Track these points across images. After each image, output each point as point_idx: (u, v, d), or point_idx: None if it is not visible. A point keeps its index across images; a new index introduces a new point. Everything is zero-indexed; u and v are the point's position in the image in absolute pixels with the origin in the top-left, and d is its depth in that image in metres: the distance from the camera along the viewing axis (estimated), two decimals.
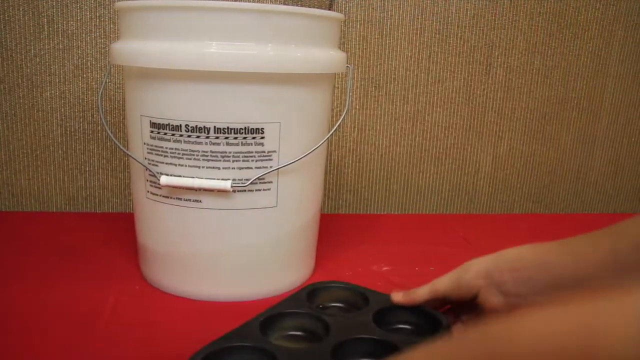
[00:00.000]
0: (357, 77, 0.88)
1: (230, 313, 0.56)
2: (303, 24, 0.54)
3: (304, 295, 0.53)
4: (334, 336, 0.46)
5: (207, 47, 0.51)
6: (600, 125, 1.00)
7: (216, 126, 0.53)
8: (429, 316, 0.51)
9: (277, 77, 0.53)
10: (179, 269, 0.58)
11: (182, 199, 0.55)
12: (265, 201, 0.56)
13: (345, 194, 0.93)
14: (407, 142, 0.92)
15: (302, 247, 0.63)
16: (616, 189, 1.04)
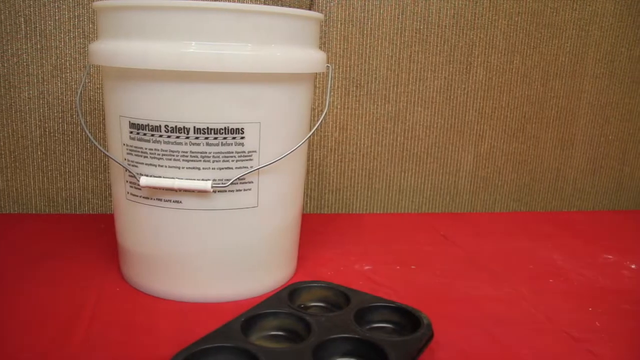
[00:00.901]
0: (338, 76, 0.88)
1: (211, 314, 0.56)
2: (283, 24, 0.54)
3: (285, 295, 0.53)
4: (316, 336, 0.46)
5: (186, 47, 0.51)
6: (579, 124, 1.01)
7: (196, 126, 0.52)
8: (410, 315, 0.52)
9: (257, 77, 0.53)
10: (160, 270, 0.58)
11: (162, 199, 0.55)
12: (246, 201, 0.56)
13: (327, 194, 0.93)
14: (388, 141, 0.92)
15: (283, 247, 0.63)
16: (594, 186, 1.06)
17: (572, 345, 0.54)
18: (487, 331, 0.56)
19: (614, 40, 0.98)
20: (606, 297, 0.65)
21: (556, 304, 0.63)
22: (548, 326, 0.58)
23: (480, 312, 0.60)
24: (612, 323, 0.59)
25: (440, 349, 0.52)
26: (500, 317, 0.59)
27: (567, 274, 0.71)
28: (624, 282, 0.70)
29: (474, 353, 0.52)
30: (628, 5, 0.97)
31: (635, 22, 0.98)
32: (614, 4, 0.96)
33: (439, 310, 0.59)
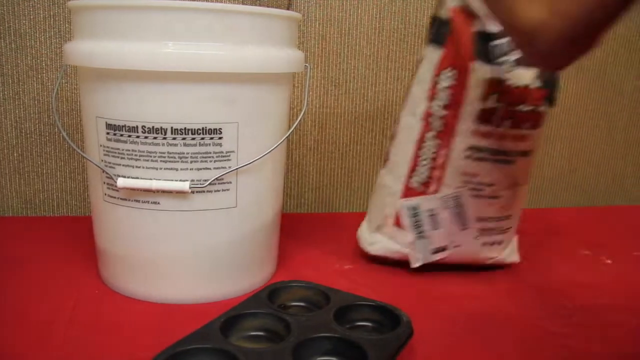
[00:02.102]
0: (316, 75, 0.88)
1: (191, 315, 0.55)
2: (260, 24, 0.54)
3: (265, 295, 0.53)
4: (295, 335, 0.46)
5: (163, 47, 0.50)
6: (554, 123, 1.02)
7: (173, 127, 0.52)
8: (390, 313, 0.52)
9: (235, 77, 0.53)
10: (139, 272, 0.58)
11: (140, 201, 0.55)
12: (225, 202, 0.56)
13: (307, 193, 0.93)
14: (367, 140, 0.93)
15: (263, 247, 0.62)
16: (571, 183, 1.07)
17: (549, 340, 0.55)
18: (467, 328, 0.56)
19: None
20: (583, 292, 0.66)
21: (534, 299, 0.64)
22: (526, 321, 0.58)
23: (460, 309, 0.60)
24: (588, 317, 0.60)
25: (420, 346, 0.52)
26: (479, 314, 0.59)
27: (545, 270, 0.72)
28: (600, 277, 0.71)
29: (454, 349, 0.52)
30: None
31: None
32: None
33: (419, 308, 0.59)
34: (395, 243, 0.67)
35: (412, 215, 0.65)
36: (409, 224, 0.66)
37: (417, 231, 0.66)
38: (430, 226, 0.65)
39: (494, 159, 0.62)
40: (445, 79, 0.61)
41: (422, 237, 0.66)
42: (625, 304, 0.64)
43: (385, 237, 0.68)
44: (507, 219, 0.66)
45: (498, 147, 0.62)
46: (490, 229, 0.66)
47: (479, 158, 0.62)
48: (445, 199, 0.63)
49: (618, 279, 0.71)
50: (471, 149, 0.62)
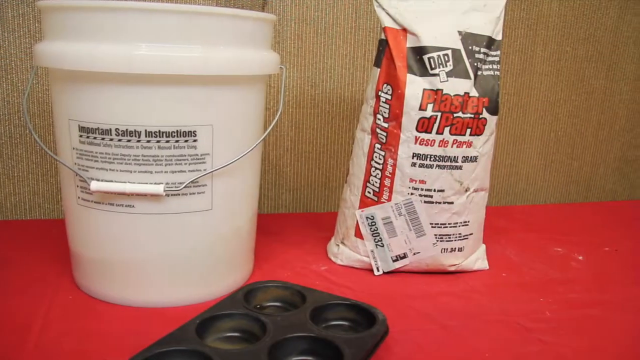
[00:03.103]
0: (293, 75, 0.88)
1: (167, 318, 0.55)
2: (234, 25, 0.54)
3: (240, 296, 0.53)
4: (271, 336, 0.47)
5: (136, 49, 0.50)
6: (529, 121, 1.04)
7: (147, 130, 0.52)
8: (366, 312, 0.52)
9: (209, 79, 0.53)
10: (114, 276, 0.57)
11: (115, 204, 0.54)
12: (200, 204, 0.56)
13: (284, 194, 0.93)
14: (344, 140, 0.93)
15: (239, 249, 0.62)
16: (545, 181, 1.09)
17: (524, 335, 0.56)
18: (443, 325, 0.57)
19: (559, 40, 1.01)
20: (556, 287, 0.68)
21: (509, 296, 0.65)
22: (501, 318, 0.59)
23: (436, 307, 0.61)
24: (561, 312, 0.61)
25: (396, 345, 0.53)
26: (455, 311, 0.60)
27: (520, 268, 0.73)
28: (572, 273, 0.72)
29: (430, 347, 0.53)
30: (571, 7, 1.00)
31: (578, 23, 1.01)
32: (559, 5, 0.99)
33: (395, 307, 0.60)
34: (357, 253, 0.69)
35: (369, 225, 0.68)
36: (367, 233, 0.68)
37: (376, 240, 0.68)
38: (388, 234, 0.67)
39: (439, 165, 0.64)
40: (383, 95, 0.65)
41: (381, 246, 0.68)
42: (596, 298, 0.65)
43: (348, 248, 0.70)
44: (464, 226, 0.68)
45: (442, 154, 0.64)
46: (448, 235, 0.67)
47: (424, 165, 0.64)
48: (398, 206, 0.66)
49: (589, 274, 0.72)
50: (416, 156, 0.64)
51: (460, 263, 0.69)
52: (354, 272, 0.69)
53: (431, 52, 0.63)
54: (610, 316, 0.61)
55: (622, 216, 1.00)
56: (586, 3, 1.01)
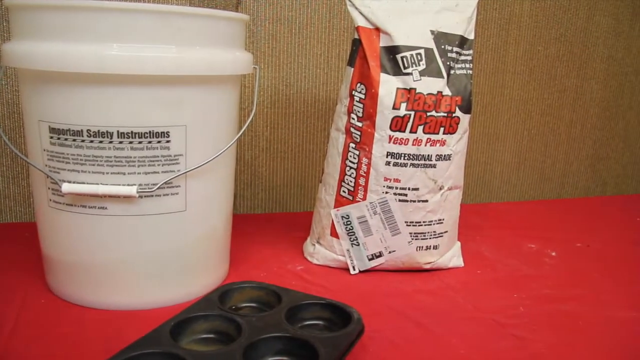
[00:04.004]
0: (267, 75, 0.88)
1: (142, 321, 0.55)
2: (207, 26, 0.54)
3: (215, 297, 0.53)
4: (246, 336, 0.46)
5: (107, 49, 0.49)
6: (503, 119, 1.05)
7: (119, 131, 0.51)
8: (341, 311, 0.52)
9: (182, 80, 0.53)
10: (87, 279, 0.57)
11: (87, 206, 0.54)
12: (174, 205, 0.55)
13: (260, 193, 0.93)
14: (320, 139, 0.93)
15: (214, 250, 0.62)
16: (519, 178, 1.10)
17: (498, 331, 0.57)
18: (418, 323, 0.57)
19: (531, 40, 1.02)
20: (529, 283, 0.68)
21: (483, 293, 0.65)
22: (476, 314, 0.60)
23: (411, 305, 0.61)
24: (534, 307, 0.62)
25: (372, 343, 0.53)
26: (430, 309, 0.61)
27: (494, 264, 0.74)
28: (545, 269, 0.73)
29: (406, 345, 0.53)
30: (542, 8, 1.01)
31: (549, 23, 1.03)
32: (530, 5, 1.00)
33: (370, 305, 0.60)
34: (333, 252, 0.70)
35: (344, 224, 0.68)
36: (342, 232, 0.68)
37: (351, 239, 0.68)
38: (363, 233, 0.68)
39: (413, 163, 0.65)
40: (357, 94, 0.65)
41: (357, 245, 0.68)
42: (569, 293, 0.66)
43: (324, 247, 0.71)
44: (439, 224, 0.68)
45: (416, 152, 0.64)
46: (422, 233, 0.68)
47: (398, 164, 0.65)
48: (373, 205, 0.66)
49: (562, 270, 0.74)
50: (390, 155, 0.64)
51: (435, 261, 0.70)
52: (330, 272, 0.69)
53: (404, 51, 0.63)
54: (583, 311, 0.62)
55: (594, 212, 1.02)
56: (557, 4, 1.02)
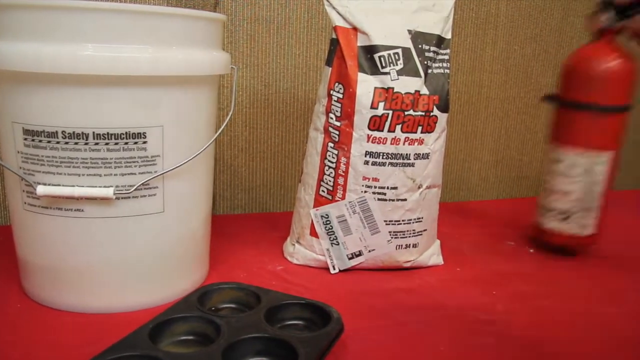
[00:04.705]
0: (246, 75, 0.88)
1: (121, 324, 0.54)
2: (183, 26, 0.53)
3: (195, 298, 0.53)
4: (225, 337, 0.46)
5: (82, 49, 0.49)
6: (480, 118, 1.06)
7: (95, 132, 0.51)
8: (321, 310, 0.52)
9: (158, 80, 0.52)
10: (64, 283, 0.56)
11: (63, 208, 0.53)
12: (152, 207, 0.55)
13: (240, 194, 0.93)
14: (299, 139, 0.93)
15: (193, 252, 0.62)
16: (497, 177, 1.11)
17: (478, 328, 0.57)
18: (398, 321, 0.58)
19: (508, 39, 1.03)
20: (508, 280, 0.69)
21: (463, 290, 0.66)
22: (456, 312, 0.60)
23: (391, 303, 0.62)
24: (514, 304, 0.63)
25: (352, 342, 0.53)
26: (411, 307, 0.61)
27: (473, 262, 0.75)
28: (524, 266, 0.74)
29: (386, 343, 0.53)
30: (518, 8, 1.03)
31: (525, 23, 1.04)
32: (506, 5, 1.01)
33: (351, 304, 0.60)
34: (313, 252, 0.70)
35: (324, 223, 0.68)
36: (322, 232, 0.68)
37: (331, 238, 0.68)
38: (342, 232, 0.68)
39: (391, 162, 0.65)
40: (335, 93, 0.65)
41: (336, 244, 0.68)
42: (547, 290, 0.67)
43: (304, 247, 0.71)
44: (418, 222, 0.69)
45: (394, 151, 0.65)
46: (402, 232, 0.68)
47: (377, 163, 0.65)
48: (352, 204, 0.66)
49: (539, 267, 0.74)
50: (368, 154, 0.65)
51: (415, 259, 0.70)
52: (310, 271, 0.69)
53: (382, 50, 0.63)
54: (560, 306, 0.63)
55: None
56: (532, 4, 1.03)
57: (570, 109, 0.74)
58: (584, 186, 0.74)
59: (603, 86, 0.71)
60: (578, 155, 0.73)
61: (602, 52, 0.72)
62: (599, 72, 0.71)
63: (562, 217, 0.75)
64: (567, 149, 0.74)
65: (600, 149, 0.73)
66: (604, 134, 0.73)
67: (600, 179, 0.74)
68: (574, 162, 0.74)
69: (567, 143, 0.74)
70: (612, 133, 0.73)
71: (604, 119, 0.72)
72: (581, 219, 0.75)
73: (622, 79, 0.71)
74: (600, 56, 0.71)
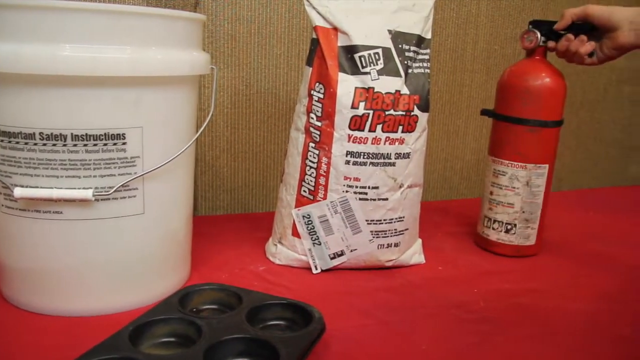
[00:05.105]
0: (227, 75, 0.88)
1: (102, 327, 0.53)
2: (162, 26, 0.53)
3: (176, 300, 0.52)
4: (207, 339, 0.46)
5: (60, 50, 0.48)
6: (461, 117, 1.07)
7: (73, 133, 0.50)
8: (302, 310, 0.52)
9: (138, 81, 0.52)
10: (43, 286, 0.55)
11: (41, 211, 0.52)
12: (131, 209, 0.54)
13: (221, 194, 0.92)
14: (281, 139, 0.93)
15: (174, 253, 0.62)
16: (479, 176, 1.12)
17: (459, 326, 0.58)
18: (380, 320, 0.58)
19: (488, 39, 1.04)
20: (489, 278, 0.70)
21: (445, 289, 0.66)
22: (437, 310, 0.61)
23: (374, 303, 0.62)
24: (494, 301, 0.63)
25: (334, 342, 0.53)
26: (392, 306, 0.61)
27: (455, 261, 0.75)
28: (504, 264, 0.75)
29: (368, 342, 0.54)
30: (498, 8, 1.03)
31: (505, 23, 1.05)
32: (487, 5, 1.02)
33: (333, 304, 0.60)
34: (295, 252, 0.70)
35: (306, 224, 0.68)
36: (304, 232, 0.68)
37: (313, 238, 0.68)
38: (324, 232, 0.68)
39: (372, 162, 0.65)
40: (316, 93, 0.65)
41: (318, 244, 0.68)
42: (527, 287, 0.68)
43: (286, 247, 0.71)
44: (400, 221, 0.69)
45: (375, 151, 0.65)
46: (383, 231, 0.68)
47: (358, 162, 0.65)
48: (334, 204, 0.66)
49: (519, 264, 0.75)
50: (349, 154, 0.65)
51: (396, 258, 0.71)
52: (293, 272, 0.69)
53: (362, 50, 0.63)
54: (541, 304, 0.64)
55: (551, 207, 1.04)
56: (512, 4, 1.04)
57: (506, 123, 0.75)
58: (524, 198, 0.75)
59: (536, 101, 0.73)
60: (518, 169, 0.75)
61: (533, 69, 0.74)
62: (530, 88, 0.73)
63: (506, 228, 0.77)
64: (507, 162, 0.76)
65: (539, 162, 0.75)
66: (541, 147, 0.75)
67: (540, 191, 0.76)
68: (515, 174, 0.75)
69: (506, 156, 0.76)
70: (548, 146, 0.75)
71: (540, 134, 0.74)
72: (524, 229, 0.77)
73: (552, 95, 0.74)
74: (531, 73, 0.74)
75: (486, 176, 0.80)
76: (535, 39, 0.74)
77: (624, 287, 0.70)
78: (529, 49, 0.75)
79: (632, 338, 0.57)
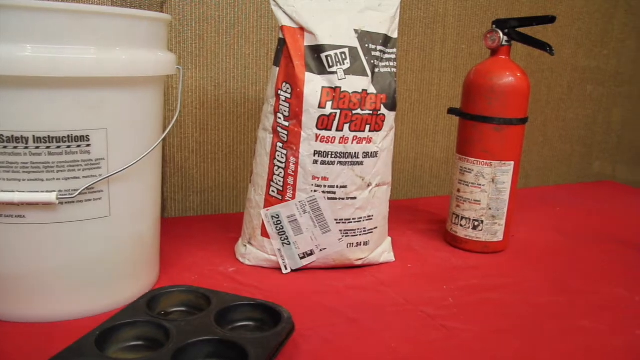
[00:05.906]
0: (195, 75, 0.87)
1: (67, 333, 0.53)
2: (127, 26, 0.52)
3: (143, 303, 0.52)
4: (175, 342, 0.46)
5: (20, 50, 0.47)
6: (430, 116, 1.08)
7: (35, 135, 0.50)
8: (271, 310, 0.52)
9: (101, 82, 0.51)
10: (6, 292, 0.54)
11: (3, 215, 0.51)
12: (97, 211, 0.54)
13: (191, 196, 0.92)
14: (250, 140, 0.93)
15: (142, 256, 0.61)
16: (449, 173, 1.13)
17: (428, 323, 0.58)
18: (350, 319, 0.58)
19: (455, 38, 1.06)
20: (458, 275, 0.71)
21: (414, 286, 0.67)
22: (406, 307, 0.61)
23: (343, 301, 0.62)
24: (463, 297, 0.64)
25: (304, 341, 0.53)
26: (362, 305, 0.62)
27: (424, 258, 0.76)
28: (473, 260, 0.76)
29: (337, 341, 0.54)
30: (465, 7, 1.05)
31: (471, 22, 1.06)
32: (454, 5, 1.03)
33: (303, 304, 0.60)
34: (264, 253, 0.70)
35: (275, 224, 0.68)
36: (273, 232, 0.69)
37: (282, 238, 0.68)
38: (293, 232, 0.68)
39: (340, 161, 0.66)
40: (283, 93, 0.65)
41: (288, 244, 0.68)
42: (495, 283, 0.69)
43: (255, 248, 0.71)
44: (368, 220, 0.70)
45: (343, 150, 0.65)
46: (352, 230, 0.69)
47: (326, 162, 0.65)
48: (302, 204, 0.67)
49: (488, 260, 0.76)
50: (317, 153, 0.65)
51: (366, 257, 0.71)
52: (262, 272, 0.69)
53: (328, 50, 0.64)
54: (508, 299, 0.65)
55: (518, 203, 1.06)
56: (478, 4, 1.06)
57: (473, 122, 0.77)
58: (491, 195, 0.77)
59: (500, 100, 0.74)
60: (484, 166, 0.76)
61: (497, 68, 0.75)
62: (494, 86, 0.74)
63: (473, 225, 0.78)
64: (473, 160, 0.77)
65: (504, 159, 0.76)
66: (506, 144, 0.76)
67: (506, 187, 0.77)
68: (481, 172, 0.76)
69: (473, 154, 0.77)
70: (514, 144, 0.76)
71: (505, 131, 0.75)
72: (491, 226, 0.78)
73: (516, 93, 0.75)
74: (495, 72, 0.75)
75: (454, 174, 0.81)
76: (498, 38, 0.75)
77: (587, 280, 0.71)
78: (493, 49, 0.77)
79: (590, 328, 0.59)
